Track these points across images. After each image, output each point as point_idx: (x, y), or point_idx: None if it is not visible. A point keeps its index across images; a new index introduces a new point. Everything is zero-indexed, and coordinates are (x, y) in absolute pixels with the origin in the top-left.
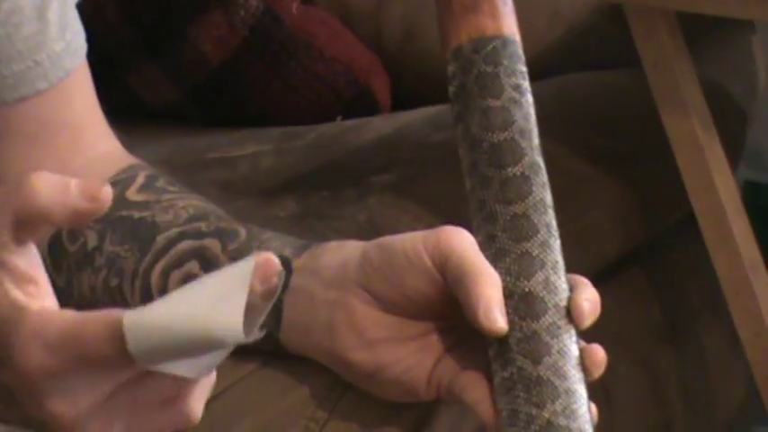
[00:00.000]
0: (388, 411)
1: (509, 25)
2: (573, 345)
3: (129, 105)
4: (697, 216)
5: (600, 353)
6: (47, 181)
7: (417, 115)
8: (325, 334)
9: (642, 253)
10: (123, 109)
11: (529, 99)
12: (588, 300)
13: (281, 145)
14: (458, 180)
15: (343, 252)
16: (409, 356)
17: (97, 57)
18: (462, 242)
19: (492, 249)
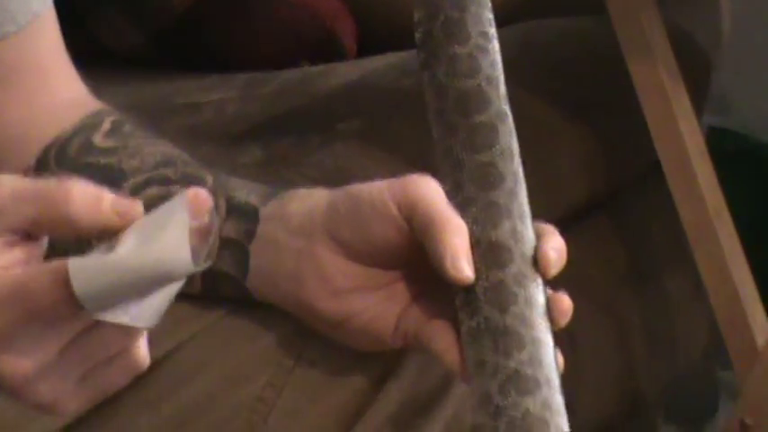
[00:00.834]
0: (356, 359)
1: None
2: (540, 294)
3: (95, 51)
4: (662, 162)
5: (566, 301)
6: (82, 191)
7: (384, 61)
8: (291, 282)
9: (607, 200)
10: (89, 54)
11: (495, 46)
12: (555, 248)
13: (247, 91)
14: (425, 126)
15: (310, 200)
16: (376, 305)
17: (61, 1)
18: (429, 190)
19: (459, 198)
